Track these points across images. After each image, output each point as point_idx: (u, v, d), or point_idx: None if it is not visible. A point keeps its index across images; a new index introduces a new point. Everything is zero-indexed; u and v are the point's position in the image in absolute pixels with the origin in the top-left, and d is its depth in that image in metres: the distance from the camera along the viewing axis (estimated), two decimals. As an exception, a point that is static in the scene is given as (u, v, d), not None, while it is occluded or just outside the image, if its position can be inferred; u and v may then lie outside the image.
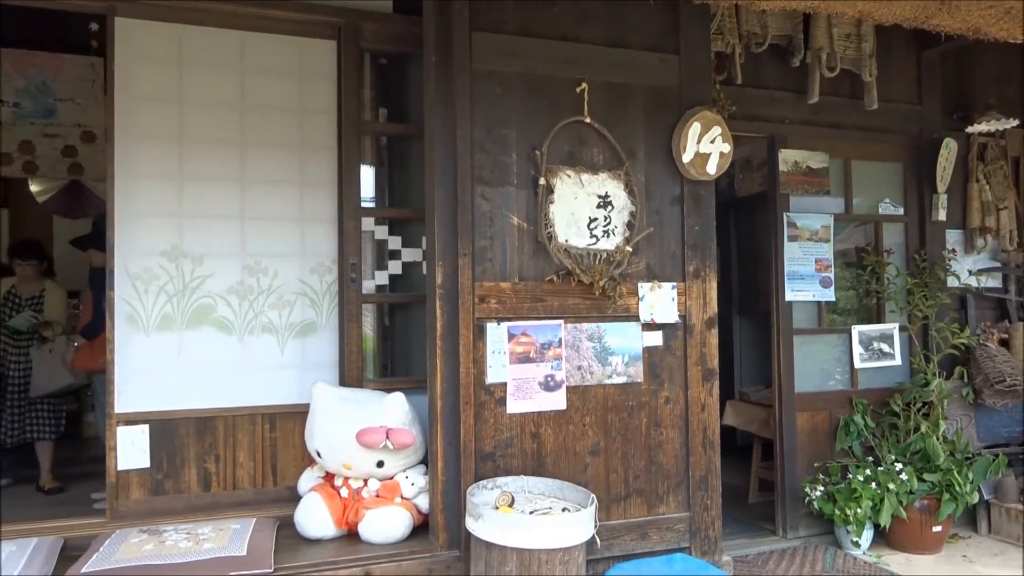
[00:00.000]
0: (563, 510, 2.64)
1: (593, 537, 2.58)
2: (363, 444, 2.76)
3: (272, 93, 3.26)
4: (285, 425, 3.22)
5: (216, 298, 3.14)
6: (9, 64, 5.81)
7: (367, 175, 3.44)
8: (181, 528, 2.79)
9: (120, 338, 3.00)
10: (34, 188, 6.21)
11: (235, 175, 3.19)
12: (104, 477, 3.01)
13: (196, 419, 3.10)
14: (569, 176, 2.97)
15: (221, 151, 3.18)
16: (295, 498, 3.08)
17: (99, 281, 4.43)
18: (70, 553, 2.68)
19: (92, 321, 4.43)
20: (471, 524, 2.54)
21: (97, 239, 4.80)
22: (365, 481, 2.87)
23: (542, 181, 2.90)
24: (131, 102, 3.08)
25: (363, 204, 3.33)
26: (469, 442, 2.78)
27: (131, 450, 3.00)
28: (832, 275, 3.89)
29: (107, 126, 3.05)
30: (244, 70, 3.23)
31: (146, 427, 3.03)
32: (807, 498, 3.65)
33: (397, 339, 3.54)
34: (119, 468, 2.99)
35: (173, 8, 3.09)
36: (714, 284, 3.19)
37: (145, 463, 3.02)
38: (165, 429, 3.06)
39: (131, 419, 3.01)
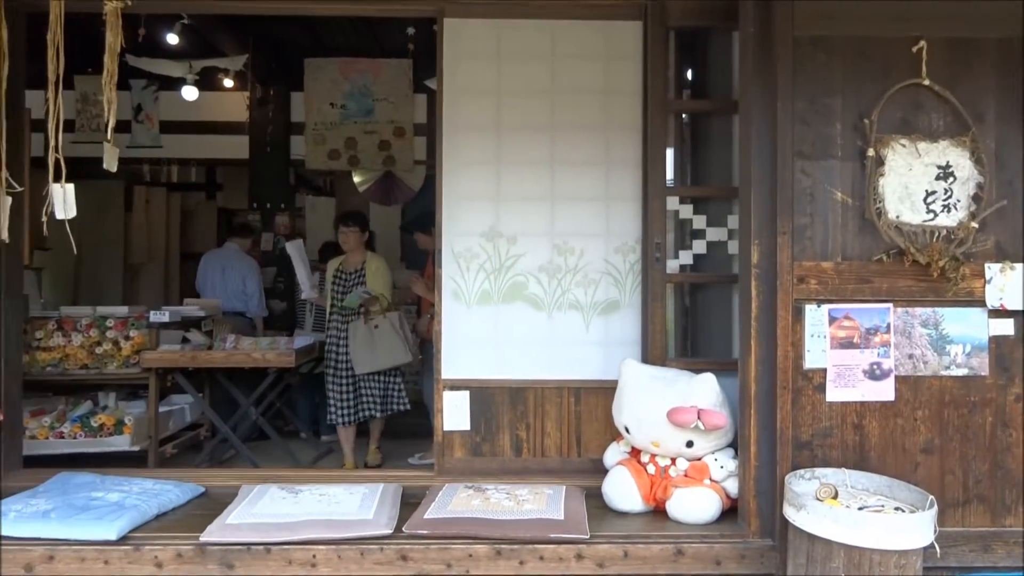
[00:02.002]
0: (895, 510, 2.43)
1: (932, 544, 2.34)
2: (674, 422, 2.76)
3: (579, 78, 3.37)
4: (589, 399, 3.33)
5: (528, 276, 3.33)
6: (338, 71, 6.64)
7: (669, 154, 3.42)
8: (500, 488, 3.01)
9: (446, 311, 3.31)
10: (356, 179, 7.05)
11: (545, 158, 3.35)
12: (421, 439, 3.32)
13: (509, 388, 3.32)
14: (903, 145, 2.69)
15: (533, 136, 3.36)
16: (597, 470, 3.18)
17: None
18: (408, 500, 3.01)
19: None
20: (791, 514, 2.43)
21: (422, 223, 5.37)
22: (673, 460, 2.88)
23: (871, 152, 2.67)
24: (455, 96, 3.37)
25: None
26: (785, 429, 2.66)
27: (455, 413, 3.30)
28: None
29: (436, 119, 3.36)
30: (554, 58, 3.37)
31: (467, 393, 3.31)
32: None
33: (699, 319, 3.49)
34: (445, 429, 3.30)
35: (494, 6, 3.31)
36: (1083, 266, 2.72)
37: (466, 426, 3.31)
38: (483, 396, 3.32)
39: (455, 385, 3.31)
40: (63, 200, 2.91)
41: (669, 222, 3.33)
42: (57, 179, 2.89)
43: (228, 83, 6.41)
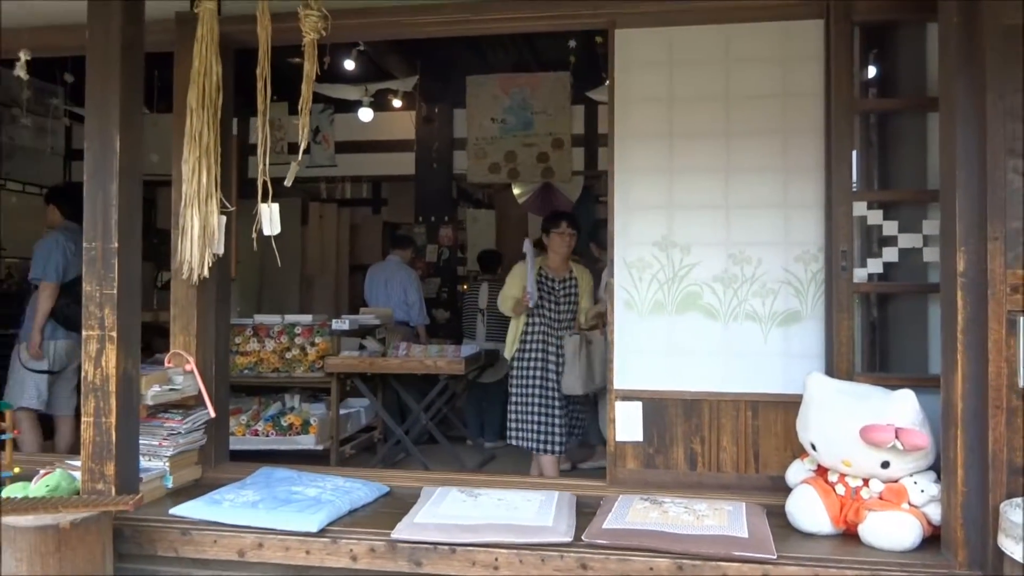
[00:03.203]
0: None
1: None
2: (868, 441, 2.60)
3: (755, 81, 3.27)
4: (767, 413, 3.21)
5: (702, 286, 3.26)
6: (498, 86, 6.84)
7: (853, 157, 3.24)
8: (678, 502, 2.96)
9: (619, 321, 3.31)
10: (515, 191, 7.23)
11: (720, 165, 3.28)
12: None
13: (683, 400, 3.27)
14: None
15: (706, 143, 3.29)
16: (776, 488, 3.06)
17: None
18: (581, 509, 3.02)
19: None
20: (1009, 546, 2.22)
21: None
22: (865, 481, 2.71)
23: (1099, 148, 2.40)
24: (626, 105, 3.36)
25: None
26: (999, 452, 2.44)
27: (627, 424, 3.28)
28: None
29: (608, 128, 3.37)
30: (728, 62, 3.29)
31: (639, 404, 3.28)
32: None
33: (889, 332, 3.28)
34: (617, 439, 3.29)
35: (666, 14, 3.29)
36: None
37: (639, 437, 3.28)
38: (656, 407, 3.28)
39: (627, 395, 3.30)
40: (269, 218, 3.19)
41: (855, 229, 3.15)
42: (264, 199, 3.17)
43: (397, 103, 6.77)
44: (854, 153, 3.21)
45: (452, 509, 2.88)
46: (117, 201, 2.90)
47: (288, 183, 3.13)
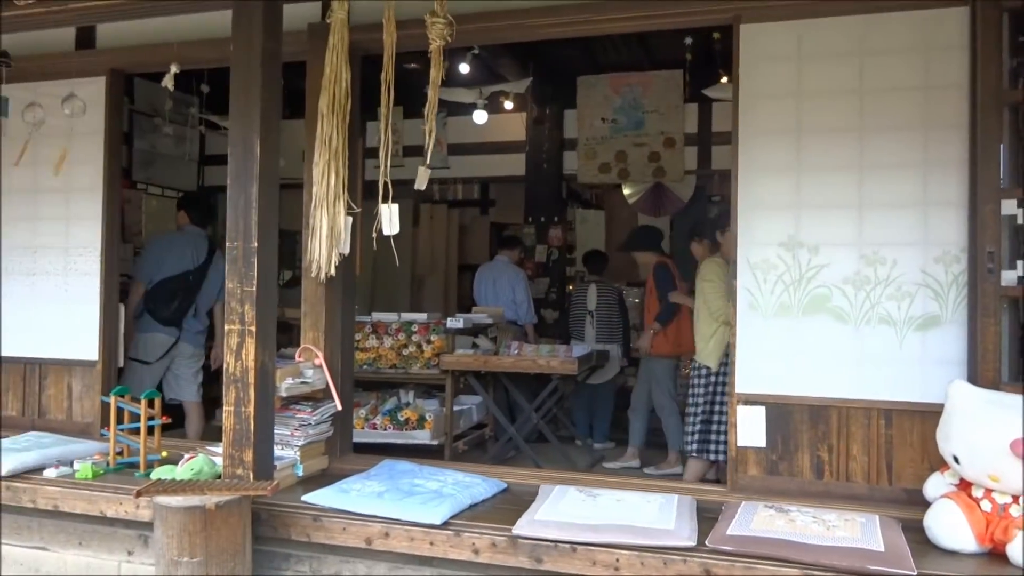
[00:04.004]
0: None
1: None
2: (1019, 456, 2.43)
3: (891, 74, 3.11)
4: (902, 423, 3.05)
5: (831, 288, 3.14)
6: (609, 86, 6.81)
7: (1001, 152, 3.04)
8: (804, 511, 2.86)
9: (742, 323, 3.23)
10: (626, 191, 7.17)
11: (852, 163, 3.14)
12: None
13: (809, 406, 3.15)
14: None
15: (837, 139, 3.16)
16: (912, 501, 2.91)
17: (662, 276, 4.95)
18: (701, 514, 2.96)
19: (665, 309, 4.96)
20: None
21: (646, 241, 5.38)
22: (1015, 498, 2.54)
23: None
24: (752, 101, 3.27)
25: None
26: None
27: (749, 429, 3.19)
28: None
29: (732, 126, 3.30)
30: (862, 55, 3.15)
31: (762, 408, 3.19)
32: None
33: (1040, 339, 3.06)
34: (739, 444, 3.21)
35: (794, 7, 3.18)
36: None
37: (761, 443, 3.19)
38: (779, 412, 3.18)
39: (749, 399, 3.21)
40: (389, 218, 3.30)
41: (1004, 229, 2.95)
42: (384, 200, 3.29)
43: (508, 105, 6.85)
44: (1002, 148, 3.01)
45: (572, 508, 2.89)
46: (257, 203, 3.08)
47: (421, 187, 3.25)
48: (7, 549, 3.54)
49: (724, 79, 6.08)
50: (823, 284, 3.15)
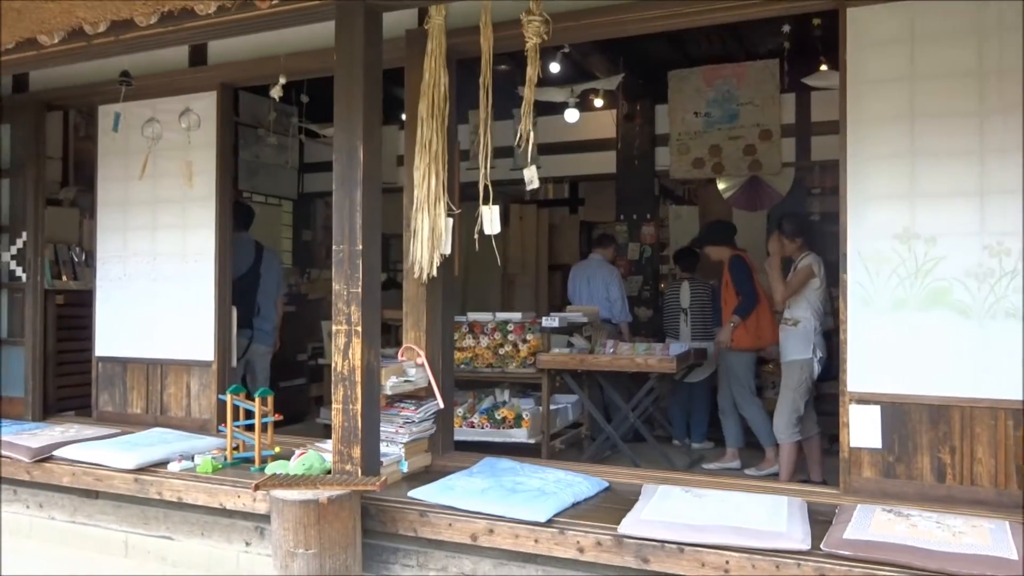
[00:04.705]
0: None
1: None
2: None
3: (1013, 53, 2.92)
4: (1035, 424, 2.87)
5: (952, 281, 2.97)
6: (702, 79, 6.67)
7: None
8: (926, 515, 2.73)
9: (853, 319, 3.10)
10: (720, 186, 7.01)
11: (972, 147, 2.97)
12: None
13: (929, 406, 3.00)
14: None
15: (956, 123, 3.00)
16: (1047, 507, 2.73)
17: (738, 269, 4.81)
18: (814, 517, 2.86)
19: (744, 302, 4.82)
20: None
21: (718, 235, 5.24)
22: None
23: None
24: (860, 88, 3.14)
25: None
26: None
27: (863, 429, 3.07)
28: None
29: (839, 115, 3.17)
30: (982, 33, 2.97)
31: (877, 408, 3.06)
32: None
33: None
34: (852, 445, 3.09)
35: (904, -14, 3.04)
36: None
37: (876, 444, 3.05)
38: (896, 412, 3.04)
39: (863, 398, 3.08)
40: (490, 219, 3.34)
41: None
42: (485, 202, 3.33)
43: (598, 103, 6.80)
44: None
45: (678, 508, 2.85)
46: (361, 207, 3.17)
47: (534, 185, 3.29)
48: (136, 538, 3.78)
49: (823, 66, 5.86)
50: (942, 277, 2.99)
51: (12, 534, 4.09)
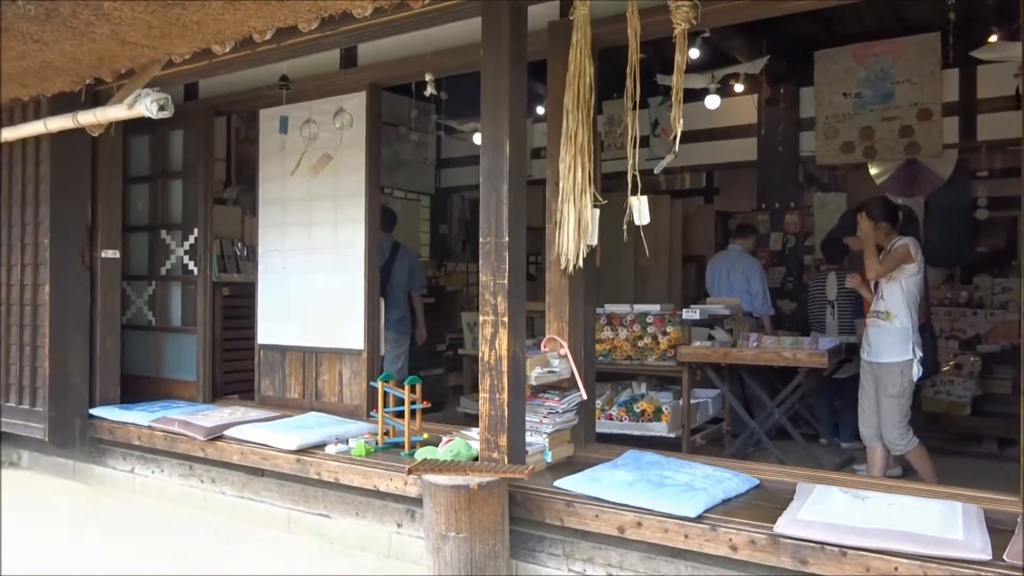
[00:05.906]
0: None
1: None
2: None
3: None
4: None
5: None
6: (851, 58, 6.30)
7: None
8: None
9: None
10: (872, 171, 6.60)
11: None
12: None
13: None
14: None
15: None
16: None
17: None
18: (992, 526, 2.64)
19: None
20: None
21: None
22: None
23: None
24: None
25: None
26: None
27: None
28: None
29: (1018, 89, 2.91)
30: None
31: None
32: None
33: None
34: (1036, 449, 2.83)
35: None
36: None
37: (1067, 448, 2.79)
38: (1089, 415, 2.76)
39: (1052, 399, 2.82)
40: (639, 210, 3.30)
41: None
42: (634, 192, 3.30)
43: (739, 88, 6.57)
44: None
45: (838, 509, 2.72)
46: (508, 200, 3.22)
47: (662, 168, 3.25)
48: (297, 515, 4.03)
49: (993, 37, 5.38)
50: None
51: (186, 505, 4.48)
